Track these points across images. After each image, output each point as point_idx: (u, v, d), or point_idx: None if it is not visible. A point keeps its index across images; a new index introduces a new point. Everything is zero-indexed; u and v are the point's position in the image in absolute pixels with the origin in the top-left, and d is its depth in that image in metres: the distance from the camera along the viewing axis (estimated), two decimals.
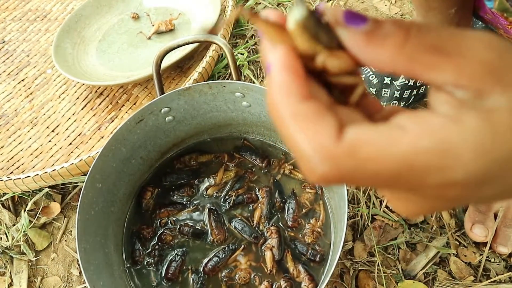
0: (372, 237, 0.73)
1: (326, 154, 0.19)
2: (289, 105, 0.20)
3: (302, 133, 0.19)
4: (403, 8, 1.04)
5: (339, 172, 0.19)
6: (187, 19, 1.08)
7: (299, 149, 0.19)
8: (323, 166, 0.19)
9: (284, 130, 0.20)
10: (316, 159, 0.19)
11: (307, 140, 0.19)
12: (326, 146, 0.19)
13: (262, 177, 0.75)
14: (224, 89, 0.66)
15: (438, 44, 0.19)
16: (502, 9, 0.46)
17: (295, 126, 0.19)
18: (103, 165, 0.64)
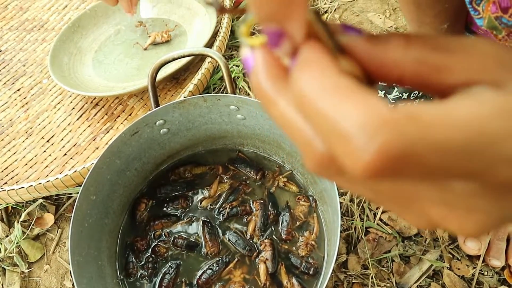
0: (366, 250, 0.73)
1: (382, 119, 0.14)
2: (327, 77, 0.16)
3: (348, 103, 0.15)
4: (397, 22, 1.05)
5: (400, 141, 0.14)
6: (183, 30, 1.09)
7: (340, 124, 0.15)
8: (380, 136, 0.14)
9: (318, 108, 0.16)
10: (370, 128, 0.14)
11: (356, 109, 0.15)
12: (381, 112, 0.15)
13: (256, 189, 0.75)
14: (219, 102, 0.67)
15: (440, 46, 0.18)
16: (491, 27, 0.46)
17: (338, 98, 0.15)
18: (97, 177, 0.64)
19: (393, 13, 1.08)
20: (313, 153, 0.17)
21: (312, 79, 0.16)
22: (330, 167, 0.17)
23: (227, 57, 1.04)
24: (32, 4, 1.29)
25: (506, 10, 0.43)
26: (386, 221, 0.76)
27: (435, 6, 0.68)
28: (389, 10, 1.08)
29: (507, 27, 0.44)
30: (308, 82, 0.16)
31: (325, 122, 0.15)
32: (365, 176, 0.15)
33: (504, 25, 0.44)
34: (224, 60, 0.68)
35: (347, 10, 1.11)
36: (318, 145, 0.17)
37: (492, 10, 0.45)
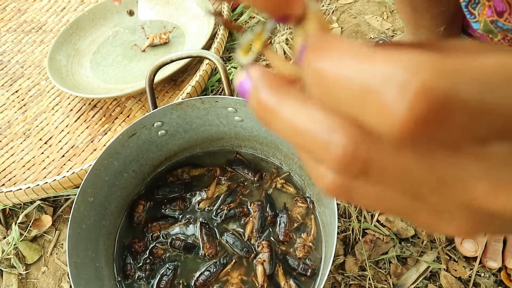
0: (363, 252, 0.73)
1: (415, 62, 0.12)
2: (348, 49, 0.14)
3: (374, 60, 0.13)
4: (394, 24, 1.06)
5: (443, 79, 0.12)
6: (181, 32, 1.09)
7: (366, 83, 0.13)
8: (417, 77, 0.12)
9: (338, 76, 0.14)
10: (402, 73, 0.12)
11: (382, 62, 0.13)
12: (412, 56, 0.12)
13: (254, 191, 0.75)
14: (216, 104, 0.67)
15: None
16: (487, 30, 0.47)
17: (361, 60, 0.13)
18: (95, 179, 0.64)
19: (390, 15, 1.08)
20: (334, 151, 0.14)
21: (330, 51, 0.14)
22: (356, 162, 0.14)
23: (225, 59, 1.04)
24: (30, 6, 1.29)
25: (501, 14, 0.43)
26: (383, 223, 0.77)
27: (432, 9, 0.68)
28: (386, 12, 1.09)
29: (502, 31, 0.45)
30: (326, 54, 0.14)
31: (347, 89, 0.13)
32: (406, 134, 0.12)
33: (500, 29, 0.45)
34: (222, 62, 0.68)
35: (345, 12, 1.11)
36: (338, 140, 0.14)
37: (488, 14, 0.45)
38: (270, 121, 0.17)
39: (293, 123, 0.16)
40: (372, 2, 1.12)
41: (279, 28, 1.09)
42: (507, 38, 0.45)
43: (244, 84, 0.18)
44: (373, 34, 1.05)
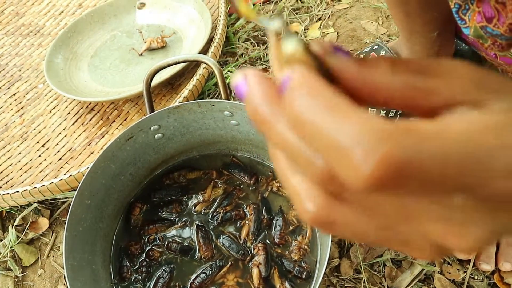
0: (358, 254, 0.74)
1: (382, 132, 0.15)
2: (321, 96, 0.16)
3: (345, 119, 0.15)
4: (390, 29, 1.07)
5: (401, 152, 0.15)
6: (178, 37, 1.10)
7: (339, 139, 0.15)
8: (381, 147, 0.15)
9: (314, 127, 0.16)
10: (370, 140, 0.15)
11: (354, 123, 0.15)
12: (380, 125, 0.15)
13: (250, 194, 0.76)
14: (213, 107, 0.68)
15: (424, 69, 0.19)
16: (477, 36, 0.48)
17: (334, 116, 0.16)
18: (92, 181, 0.65)
19: (385, 21, 1.09)
20: (314, 171, 0.17)
21: (306, 98, 0.17)
22: (332, 184, 0.17)
23: (221, 63, 1.05)
24: (28, 9, 1.30)
25: (491, 20, 0.44)
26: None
27: (424, 15, 0.69)
28: (382, 17, 1.10)
29: (492, 36, 0.46)
30: (302, 101, 0.17)
31: (323, 139, 0.16)
32: (368, 188, 0.15)
33: (489, 34, 0.46)
34: (218, 67, 0.69)
35: (341, 17, 1.13)
36: (318, 162, 0.17)
37: (478, 19, 0.46)
38: (263, 130, 0.18)
39: (283, 138, 0.18)
40: (367, 8, 1.13)
41: None
42: (496, 43, 0.46)
43: (241, 87, 0.19)
44: (368, 39, 1.06)
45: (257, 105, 0.18)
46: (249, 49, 1.05)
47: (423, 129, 0.16)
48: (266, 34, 0.21)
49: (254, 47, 1.06)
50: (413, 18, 0.70)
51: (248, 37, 1.09)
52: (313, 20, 1.12)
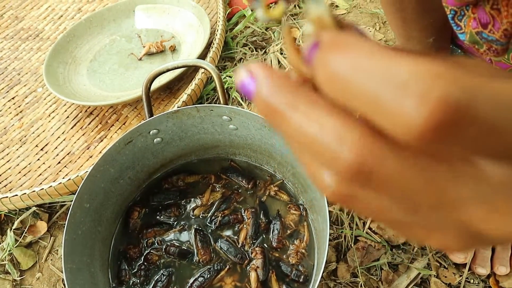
0: (355, 258, 0.75)
1: (436, 71, 0.13)
2: (364, 49, 0.14)
3: (393, 63, 0.13)
4: (387, 35, 1.08)
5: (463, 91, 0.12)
6: (177, 41, 1.11)
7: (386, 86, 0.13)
8: (439, 86, 0.12)
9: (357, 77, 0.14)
10: (423, 81, 0.13)
11: (402, 66, 0.13)
12: (434, 65, 0.13)
13: (248, 198, 0.76)
14: (211, 112, 0.68)
15: None
16: (472, 41, 0.49)
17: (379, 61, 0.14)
18: (91, 185, 0.65)
19: (383, 27, 1.10)
20: (341, 163, 0.15)
21: (345, 52, 0.14)
22: (361, 175, 0.15)
23: (220, 67, 1.05)
24: (27, 13, 1.30)
25: (486, 25, 0.45)
26: (375, 230, 0.78)
27: (420, 20, 0.70)
28: (379, 23, 1.11)
29: (487, 42, 0.47)
30: (339, 57, 0.14)
31: (367, 89, 0.14)
32: (424, 137, 0.13)
33: (485, 40, 0.47)
34: (217, 72, 0.69)
35: None
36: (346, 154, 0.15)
37: (473, 25, 0.47)
38: (278, 124, 0.16)
39: (302, 129, 0.16)
40: (365, 13, 1.14)
41: (274, 38, 1.10)
42: (492, 49, 0.47)
43: (247, 84, 0.18)
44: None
45: (269, 97, 0.16)
46: (247, 54, 1.06)
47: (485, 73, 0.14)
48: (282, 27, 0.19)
49: (252, 52, 1.07)
50: (409, 25, 0.71)
51: (246, 42, 1.10)
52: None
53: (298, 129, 0.16)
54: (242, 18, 1.17)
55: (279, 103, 0.16)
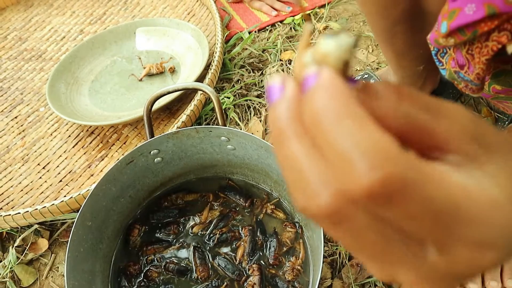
0: (349, 275, 0.77)
1: (391, 155, 0.16)
2: (349, 105, 0.17)
3: (363, 133, 0.16)
4: (379, 57, 1.12)
5: (400, 179, 0.16)
6: (177, 63, 1.14)
7: (352, 150, 0.16)
8: (384, 167, 0.16)
9: (336, 131, 0.17)
10: (377, 158, 0.16)
11: (370, 139, 0.16)
12: (392, 149, 0.16)
13: (245, 216, 0.78)
14: (210, 133, 0.71)
15: (428, 107, 0.19)
16: (451, 78, 0.52)
17: (355, 126, 0.17)
18: (93, 203, 0.67)
19: (375, 49, 1.14)
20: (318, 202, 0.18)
21: (330, 100, 0.17)
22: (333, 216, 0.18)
23: (218, 88, 1.09)
24: (31, 34, 1.34)
25: (462, 67, 0.48)
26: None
27: (411, 52, 0.73)
28: (371, 45, 1.15)
29: (463, 81, 0.50)
30: (325, 102, 0.17)
31: (336, 144, 0.17)
32: (366, 194, 0.16)
33: (461, 79, 0.50)
34: (216, 94, 0.72)
35: None
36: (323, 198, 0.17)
37: (452, 65, 0.50)
38: (277, 140, 0.19)
39: (295, 159, 0.18)
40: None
41: (270, 60, 1.14)
42: (468, 87, 0.50)
43: (274, 91, 0.20)
44: (359, 67, 1.11)
45: (282, 116, 0.19)
46: (245, 75, 1.10)
47: (429, 169, 0.17)
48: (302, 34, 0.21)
49: (249, 74, 1.11)
50: (401, 56, 0.75)
51: (243, 64, 1.13)
52: None
53: (291, 157, 0.18)
54: (239, 41, 1.21)
55: (288, 126, 0.19)
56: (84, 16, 1.39)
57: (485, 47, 0.42)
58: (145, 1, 1.41)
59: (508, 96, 0.55)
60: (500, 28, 0.40)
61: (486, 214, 0.18)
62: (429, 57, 0.74)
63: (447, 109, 0.20)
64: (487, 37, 0.42)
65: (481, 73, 0.45)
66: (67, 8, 1.43)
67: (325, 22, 1.24)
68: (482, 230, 0.18)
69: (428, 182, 0.17)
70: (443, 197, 0.17)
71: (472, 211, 0.18)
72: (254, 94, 1.06)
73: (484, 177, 0.19)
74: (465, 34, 0.43)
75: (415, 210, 0.17)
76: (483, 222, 0.18)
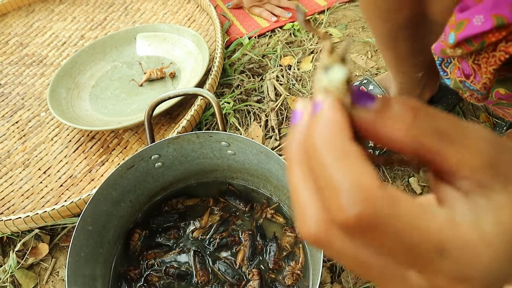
0: (349, 279, 0.77)
1: (368, 193, 0.18)
2: (340, 140, 0.19)
3: (348, 169, 0.18)
4: (378, 63, 1.13)
5: (374, 215, 0.18)
6: (177, 68, 1.15)
7: (332, 182, 0.18)
8: (361, 205, 0.17)
9: (326, 163, 0.19)
10: (355, 195, 0.18)
11: (352, 176, 0.18)
12: (370, 187, 0.18)
13: (245, 221, 0.79)
14: (210, 138, 0.72)
15: (443, 130, 0.19)
16: (457, 87, 0.52)
17: (341, 161, 0.18)
18: (94, 208, 0.68)
19: (374, 55, 1.15)
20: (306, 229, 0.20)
21: (325, 134, 0.19)
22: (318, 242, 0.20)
23: (218, 94, 1.09)
24: (32, 40, 1.35)
25: (468, 76, 0.49)
26: None
27: (411, 58, 0.74)
28: (371, 51, 1.16)
29: (469, 90, 0.50)
30: (321, 135, 0.19)
31: (326, 176, 0.19)
32: (344, 226, 0.18)
33: (467, 88, 0.50)
34: (216, 100, 0.73)
35: None
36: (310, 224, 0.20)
37: (457, 74, 0.51)
38: (287, 169, 0.21)
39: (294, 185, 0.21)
40: (357, 42, 1.19)
41: (270, 65, 1.15)
42: (473, 96, 0.51)
43: (296, 115, 0.21)
44: (358, 72, 1.11)
45: (291, 142, 0.21)
46: (245, 81, 1.10)
47: (403, 206, 0.18)
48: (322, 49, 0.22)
49: (249, 79, 1.11)
50: (401, 61, 0.75)
51: (243, 69, 1.14)
52: (306, 53, 1.18)
53: (292, 181, 0.21)
54: (239, 46, 1.22)
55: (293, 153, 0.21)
56: (85, 21, 1.40)
57: (492, 57, 0.43)
58: (145, 7, 1.42)
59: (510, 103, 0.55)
60: (508, 38, 0.40)
61: (467, 252, 0.18)
62: (429, 64, 0.75)
63: (464, 132, 0.19)
64: (494, 47, 0.42)
65: (488, 83, 0.46)
66: (68, 13, 1.44)
67: (324, 28, 1.25)
68: (461, 266, 0.18)
69: (402, 218, 0.18)
70: (417, 233, 0.18)
71: (450, 248, 0.18)
72: (254, 99, 1.07)
73: (485, 208, 0.19)
74: (472, 44, 0.43)
75: (389, 243, 0.18)
76: (463, 259, 0.18)
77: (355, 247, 0.20)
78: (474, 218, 0.19)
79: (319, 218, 0.19)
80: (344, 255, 0.20)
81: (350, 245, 0.19)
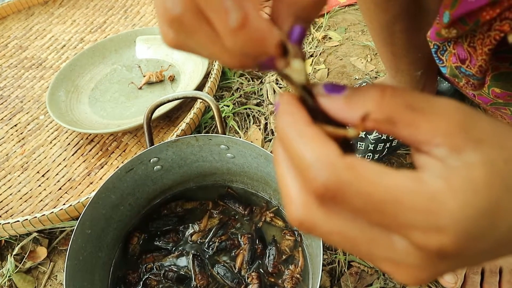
0: (348, 283, 0.76)
1: (329, 163, 0.20)
2: (297, 125, 0.21)
3: (308, 145, 0.20)
4: (378, 66, 1.13)
5: (337, 181, 0.19)
6: (176, 71, 1.15)
7: (301, 160, 0.20)
8: (324, 173, 0.19)
9: (289, 146, 0.21)
10: (318, 166, 0.20)
11: (314, 150, 0.20)
12: (330, 157, 0.20)
13: (244, 224, 0.78)
14: (210, 141, 0.72)
15: (412, 104, 0.20)
16: (453, 75, 0.52)
17: (301, 141, 0.21)
18: (93, 211, 0.67)
19: (374, 58, 1.15)
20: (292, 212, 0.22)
21: (285, 123, 0.22)
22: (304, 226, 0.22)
23: (217, 97, 1.09)
24: (31, 43, 1.35)
25: (464, 61, 0.49)
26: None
27: (410, 55, 0.74)
28: (370, 55, 1.16)
29: (465, 76, 0.50)
30: (283, 125, 0.22)
31: (293, 155, 0.21)
32: (318, 198, 0.20)
33: (463, 74, 0.50)
34: (215, 103, 0.73)
35: (331, 54, 1.18)
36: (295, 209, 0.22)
37: (453, 60, 0.51)
38: (280, 134, 0.23)
39: (279, 172, 0.23)
40: (357, 45, 1.19)
41: None
42: (469, 83, 0.51)
43: (276, 105, 0.24)
44: (357, 75, 1.11)
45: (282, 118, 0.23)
46: (244, 84, 1.10)
47: (364, 170, 0.20)
48: None
49: (248, 82, 1.11)
50: (399, 58, 0.75)
51: (243, 72, 1.14)
52: (305, 57, 1.18)
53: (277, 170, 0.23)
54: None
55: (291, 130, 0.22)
56: (84, 24, 1.40)
57: (487, 37, 0.43)
58: (145, 10, 1.42)
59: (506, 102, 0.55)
60: (502, 17, 0.40)
61: (436, 202, 0.19)
62: (428, 62, 0.75)
63: (435, 104, 0.21)
64: (489, 27, 0.42)
65: (484, 65, 0.46)
66: (68, 16, 1.44)
67: (324, 31, 1.25)
68: (431, 216, 0.19)
69: (362, 180, 0.19)
70: (377, 191, 0.19)
71: (413, 200, 0.19)
72: (253, 102, 1.07)
73: (456, 168, 0.20)
74: (467, 23, 0.43)
75: (358, 203, 0.19)
76: (431, 209, 0.19)
77: (335, 220, 0.21)
78: (444, 175, 0.19)
79: (300, 202, 0.21)
80: (330, 233, 0.21)
81: (331, 220, 0.21)
